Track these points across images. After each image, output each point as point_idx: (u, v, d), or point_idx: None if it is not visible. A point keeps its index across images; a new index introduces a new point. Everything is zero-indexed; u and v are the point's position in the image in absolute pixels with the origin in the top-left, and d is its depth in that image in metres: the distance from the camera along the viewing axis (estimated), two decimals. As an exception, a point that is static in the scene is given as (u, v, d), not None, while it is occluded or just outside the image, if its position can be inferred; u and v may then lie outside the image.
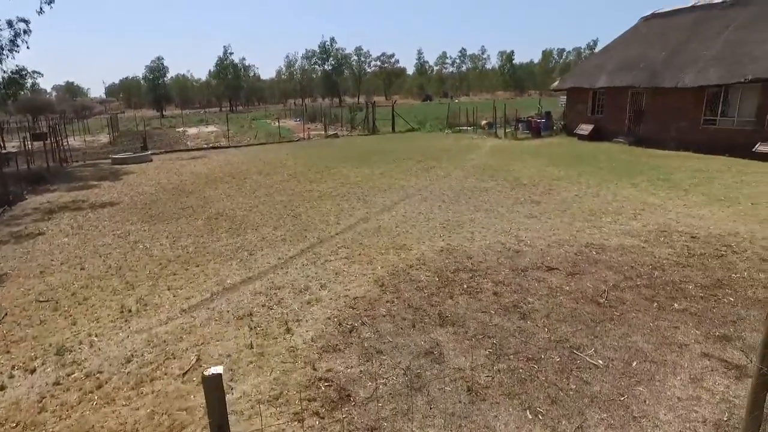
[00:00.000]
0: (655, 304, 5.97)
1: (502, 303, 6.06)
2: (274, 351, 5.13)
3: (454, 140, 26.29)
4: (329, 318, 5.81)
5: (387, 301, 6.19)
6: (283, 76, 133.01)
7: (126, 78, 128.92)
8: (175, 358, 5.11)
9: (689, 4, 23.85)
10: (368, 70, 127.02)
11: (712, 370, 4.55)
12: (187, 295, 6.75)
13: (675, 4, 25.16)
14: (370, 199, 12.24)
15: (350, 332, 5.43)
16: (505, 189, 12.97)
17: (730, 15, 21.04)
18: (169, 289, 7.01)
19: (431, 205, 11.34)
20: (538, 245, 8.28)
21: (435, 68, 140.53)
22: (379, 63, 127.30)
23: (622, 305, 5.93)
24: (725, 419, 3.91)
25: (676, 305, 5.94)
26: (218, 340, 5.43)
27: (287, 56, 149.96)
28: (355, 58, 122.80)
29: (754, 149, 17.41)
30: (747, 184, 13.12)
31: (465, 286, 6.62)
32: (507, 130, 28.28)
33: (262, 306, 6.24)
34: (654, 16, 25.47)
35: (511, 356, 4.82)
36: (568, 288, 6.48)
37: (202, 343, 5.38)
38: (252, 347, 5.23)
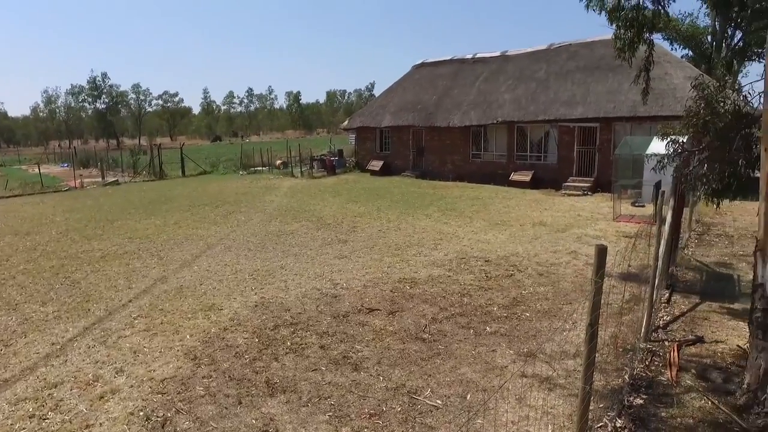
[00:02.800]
0: (471, 330, 6.34)
1: (331, 356, 5.73)
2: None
3: (251, 182, 25.52)
4: (132, 413, 4.70)
5: (203, 377, 5.33)
6: (41, 114, 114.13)
7: None
8: None
9: (449, 57, 27.71)
10: (149, 109, 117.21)
11: (530, 387, 4.91)
12: None
13: (438, 55, 29.07)
14: (166, 254, 10.83)
15: (163, 426, 4.46)
16: (310, 230, 12.84)
17: (477, 69, 25.07)
18: None
19: (237, 255, 10.54)
20: (354, 286, 8.24)
21: (223, 108, 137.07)
22: (161, 102, 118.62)
23: (444, 337, 6.15)
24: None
25: (488, 328, 6.40)
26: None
27: (46, 91, 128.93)
28: (133, 96, 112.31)
29: (510, 178, 20.76)
30: (512, 208, 15.43)
31: (289, 343, 6.12)
32: (303, 169, 28.64)
33: (30, 418, 4.74)
34: (423, 64, 28.89)
35: (353, 416, 4.50)
36: (391, 328, 6.49)
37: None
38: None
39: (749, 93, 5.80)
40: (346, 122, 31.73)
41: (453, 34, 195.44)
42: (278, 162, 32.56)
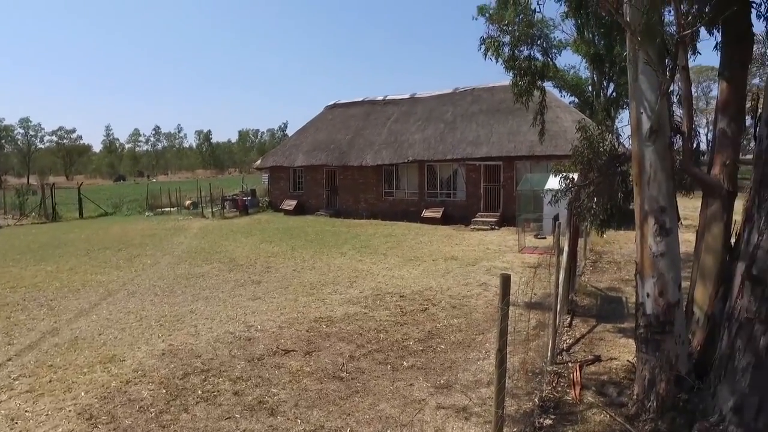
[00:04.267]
0: (389, 366, 6.37)
1: (246, 402, 5.49)
2: None
3: (158, 223, 24.21)
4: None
5: (100, 438, 4.86)
6: None
7: None
8: None
9: (361, 98, 28.57)
10: (41, 146, 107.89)
11: (447, 418, 5.01)
12: None
13: (350, 96, 29.87)
14: (58, 303, 9.88)
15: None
16: (222, 272, 12.37)
17: (388, 110, 26.08)
18: None
19: (142, 301, 9.86)
20: (269, 328, 8.01)
21: (127, 146, 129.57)
22: (56, 138, 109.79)
23: (362, 375, 6.13)
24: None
25: (405, 363, 6.47)
26: None
27: None
28: (21, 131, 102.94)
29: (422, 214, 21.47)
30: (425, 244, 15.91)
31: (199, 391, 5.78)
32: (214, 210, 27.68)
33: None
34: (336, 105, 29.49)
35: (269, 464, 4.31)
36: (308, 369, 6.36)
37: None
38: None
39: (620, 135, 6.61)
40: (259, 161, 31.34)
41: (365, 76, 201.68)
42: (188, 202, 31.24)
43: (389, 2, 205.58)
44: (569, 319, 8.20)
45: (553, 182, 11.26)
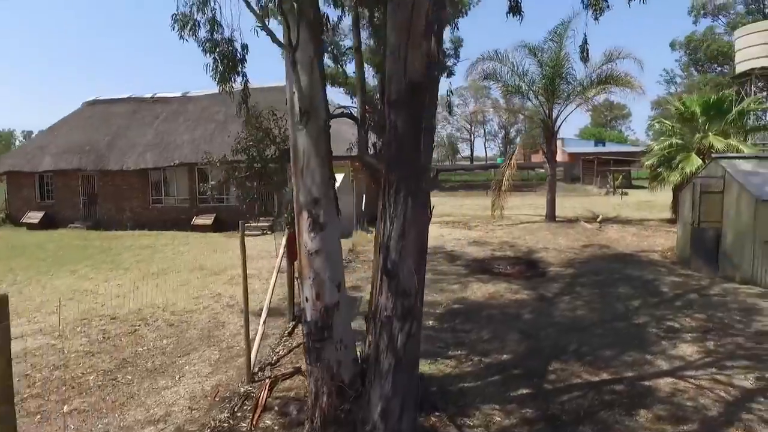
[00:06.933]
0: (39, 416, 5.16)
1: None
2: None
3: None
4: None
5: None
6: None
7: None
8: None
9: (126, 95, 25.45)
10: None
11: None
12: None
13: (113, 93, 26.41)
14: None
15: None
16: None
17: (156, 109, 23.69)
18: None
19: None
20: None
21: None
22: None
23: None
24: None
25: (66, 407, 5.33)
26: None
27: None
28: None
29: (192, 222, 19.87)
30: (182, 254, 14.56)
31: None
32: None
33: None
34: (97, 101, 25.76)
35: None
36: None
37: None
38: None
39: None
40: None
41: (131, 73, 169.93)
42: None
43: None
44: (292, 326, 7.91)
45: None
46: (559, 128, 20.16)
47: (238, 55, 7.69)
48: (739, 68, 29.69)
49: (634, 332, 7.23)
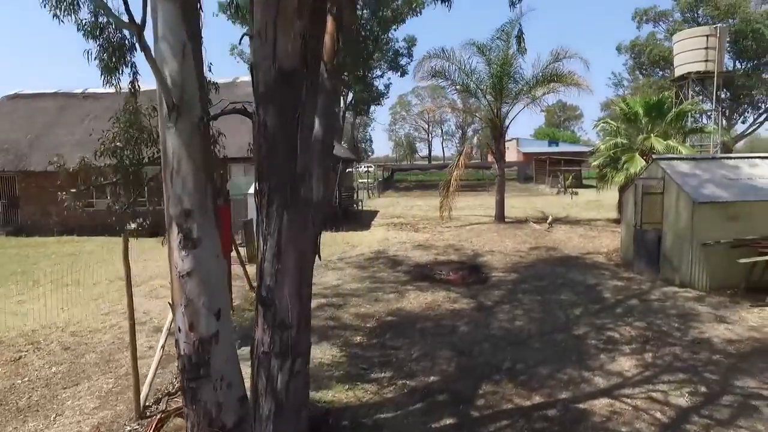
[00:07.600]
0: None
1: None
2: None
3: None
4: None
5: None
6: None
7: None
8: None
9: (53, 90, 23.70)
10: None
11: None
12: None
13: (39, 87, 24.57)
14: None
15: None
16: None
17: (86, 106, 22.13)
18: None
19: None
20: None
21: None
22: None
23: None
24: None
25: None
26: None
27: None
28: None
29: (126, 227, 18.55)
30: (106, 263, 13.41)
31: None
32: None
33: None
34: (18, 96, 23.86)
35: None
36: None
37: None
38: None
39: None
40: None
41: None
42: None
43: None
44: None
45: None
46: (507, 128, 19.98)
47: (127, 42, 6.84)
48: (678, 72, 30.60)
49: (572, 345, 6.84)
